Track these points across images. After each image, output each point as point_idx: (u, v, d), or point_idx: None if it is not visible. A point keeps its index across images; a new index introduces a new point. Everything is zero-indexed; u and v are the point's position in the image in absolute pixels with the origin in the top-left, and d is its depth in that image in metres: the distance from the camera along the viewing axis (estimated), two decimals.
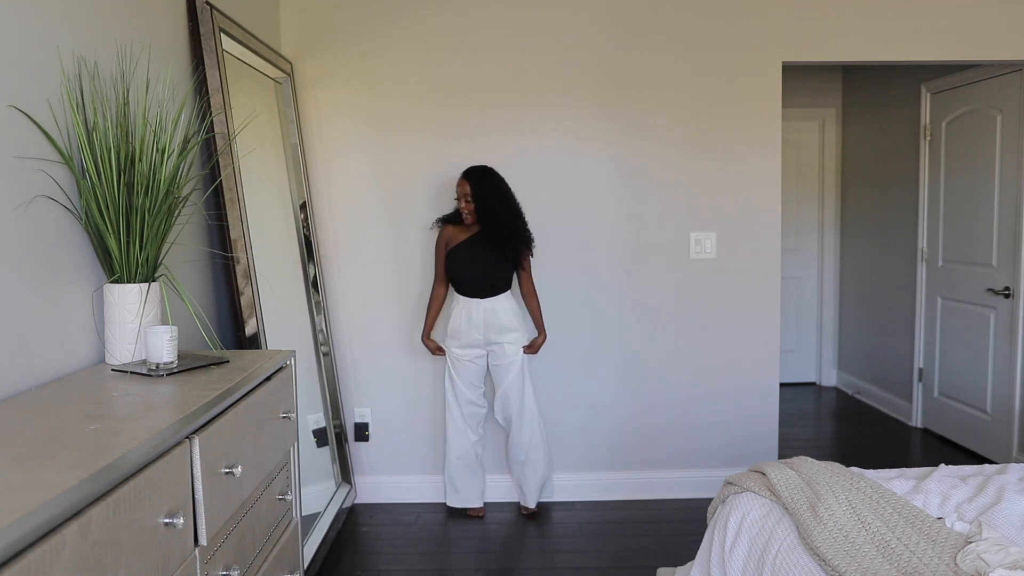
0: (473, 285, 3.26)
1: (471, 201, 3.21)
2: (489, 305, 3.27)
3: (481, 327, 3.27)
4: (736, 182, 3.55)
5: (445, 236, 3.32)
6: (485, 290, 3.27)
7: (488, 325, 3.27)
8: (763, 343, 3.62)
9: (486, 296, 3.28)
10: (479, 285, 3.26)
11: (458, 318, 3.30)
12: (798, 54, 3.52)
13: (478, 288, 3.26)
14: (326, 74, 3.45)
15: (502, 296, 3.30)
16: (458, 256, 3.27)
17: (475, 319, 3.27)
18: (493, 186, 3.22)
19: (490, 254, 3.23)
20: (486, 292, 3.27)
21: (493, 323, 3.27)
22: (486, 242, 3.23)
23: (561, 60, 3.48)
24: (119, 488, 1.05)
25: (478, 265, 3.24)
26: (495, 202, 3.22)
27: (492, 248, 3.23)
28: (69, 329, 1.70)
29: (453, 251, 3.27)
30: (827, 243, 5.70)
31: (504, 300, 3.29)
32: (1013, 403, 3.84)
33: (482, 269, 3.24)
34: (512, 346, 3.31)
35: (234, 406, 1.50)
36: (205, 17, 2.46)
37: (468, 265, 3.25)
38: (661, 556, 2.98)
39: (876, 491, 2.00)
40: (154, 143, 1.80)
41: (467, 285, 3.27)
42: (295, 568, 1.91)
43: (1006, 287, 3.87)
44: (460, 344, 3.31)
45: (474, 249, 3.25)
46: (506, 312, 3.28)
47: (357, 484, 3.60)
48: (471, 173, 3.24)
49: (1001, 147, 3.89)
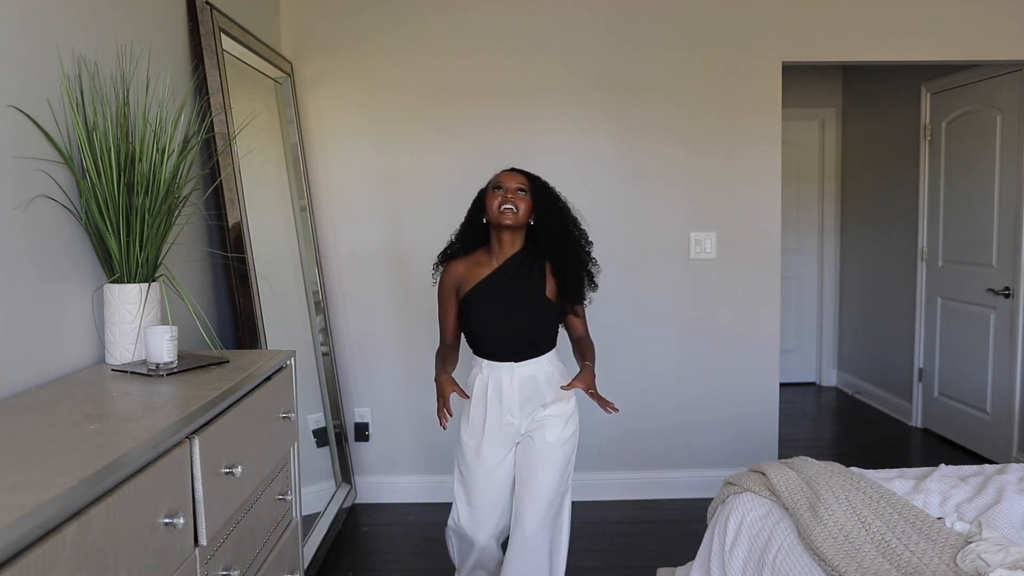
0: (507, 343, 2.21)
1: (526, 194, 2.21)
2: (528, 371, 2.22)
3: (516, 404, 2.22)
4: (736, 182, 3.55)
5: (453, 277, 2.28)
6: (525, 349, 2.22)
7: (526, 399, 2.23)
8: (763, 343, 3.62)
9: (525, 358, 2.23)
10: (517, 342, 2.21)
11: (480, 395, 2.25)
12: (798, 54, 3.52)
13: (514, 347, 2.21)
14: (326, 74, 3.45)
15: (546, 357, 2.26)
16: (481, 301, 2.21)
17: (508, 394, 2.22)
18: (557, 196, 2.29)
19: (532, 293, 2.22)
20: (526, 352, 2.22)
21: (532, 395, 2.23)
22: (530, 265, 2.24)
23: (561, 61, 3.48)
24: (119, 488, 1.05)
25: (514, 313, 2.20)
26: (558, 211, 2.25)
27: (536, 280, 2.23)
28: (69, 329, 1.70)
29: (472, 296, 2.22)
30: (827, 243, 5.70)
31: (549, 362, 2.27)
32: (1013, 403, 3.84)
33: (521, 318, 2.21)
34: (558, 424, 2.23)
35: (234, 406, 1.50)
36: (205, 17, 2.46)
37: (497, 313, 2.20)
38: (661, 556, 2.98)
39: (876, 491, 2.00)
40: (154, 143, 1.80)
41: (497, 344, 2.22)
42: (295, 568, 1.91)
43: (1006, 287, 3.87)
44: (482, 436, 2.24)
45: (507, 286, 2.22)
46: (552, 378, 2.25)
47: (357, 484, 3.60)
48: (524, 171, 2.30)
49: (1001, 147, 3.89)
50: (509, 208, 2.18)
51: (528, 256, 2.25)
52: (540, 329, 2.24)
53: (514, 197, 2.19)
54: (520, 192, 2.21)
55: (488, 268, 2.25)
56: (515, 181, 2.23)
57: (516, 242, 2.25)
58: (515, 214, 2.18)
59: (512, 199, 2.18)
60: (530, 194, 2.22)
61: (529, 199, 2.21)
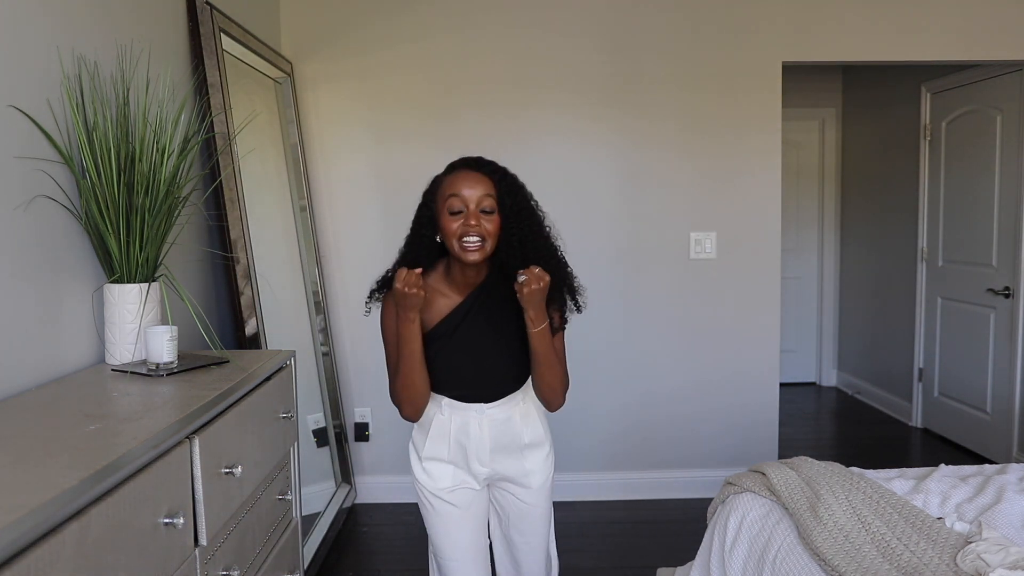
0: (479, 385, 1.81)
1: (494, 213, 1.69)
2: (502, 414, 1.83)
3: (487, 452, 1.84)
4: (736, 182, 3.55)
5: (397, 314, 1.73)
6: (498, 389, 1.83)
7: (499, 447, 1.85)
8: (763, 343, 3.62)
9: (496, 397, 1.83)
10: (490, 384, 1.82)
11: (442, 438, 1.85)
12: (798, 54, 3.52)
13: (486, 389, 1.82)
14: (326, 74, 3.45)
15: (519, 394, 1.85)
16: (446, 342, 1.77)
17: (476, 439, 1.83)
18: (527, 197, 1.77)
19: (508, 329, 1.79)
20: (499, 391, 1.83)
21: (507, 442, 1.85)
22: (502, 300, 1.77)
23: (561, 62, 3.48)
24: (119, 488, 1.05)
25: (488, 351, 1.79)
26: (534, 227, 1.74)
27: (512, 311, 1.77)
28: (69, 329, 1.70)
29: (434, 336, 1.77)
30: (827, 243, 5.70)
31: (524, 396, 1.87)
32: (1013, 403, 3.84)
33: (497, 358, 1.80)
34: (538, 474, 1.90)
35: (234, 406, 1.50)
36: (205, 17, 2.46)
37: (467, 355, 1.78)
38: (661, 556, 2.98)
39: (876, 491, 2.00)
40: (154, 143, 1.80)
41: (466, 386, 1.81)
42: (295, 568, 1.91)
43: (1006, 287, 3.87)
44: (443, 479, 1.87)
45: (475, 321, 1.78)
46: (529, 418, 1.88)
47: (357, 484, 3.60)
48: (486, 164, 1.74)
49: (1001, 147, 3.89)
50: (475, 242, 1.65)
51: (497, 280, 1.77)
52: (519, 369, 1.80)
53: (479, 224, 1.65)
54: (486, 213, 1.66)
55: (450, 300, 1.77)
56: (478, 192, 1.66)
57: (484, 267, 1.76)
58: (482, 247, 1.66)
59: (476, 227, 1.64)
60: (498, 205, 1.68)
61: (498, 216, 1.68)
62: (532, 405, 1.91)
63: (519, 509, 1.94)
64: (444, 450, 1.86)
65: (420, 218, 1.79)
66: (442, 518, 1.91)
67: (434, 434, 1.86)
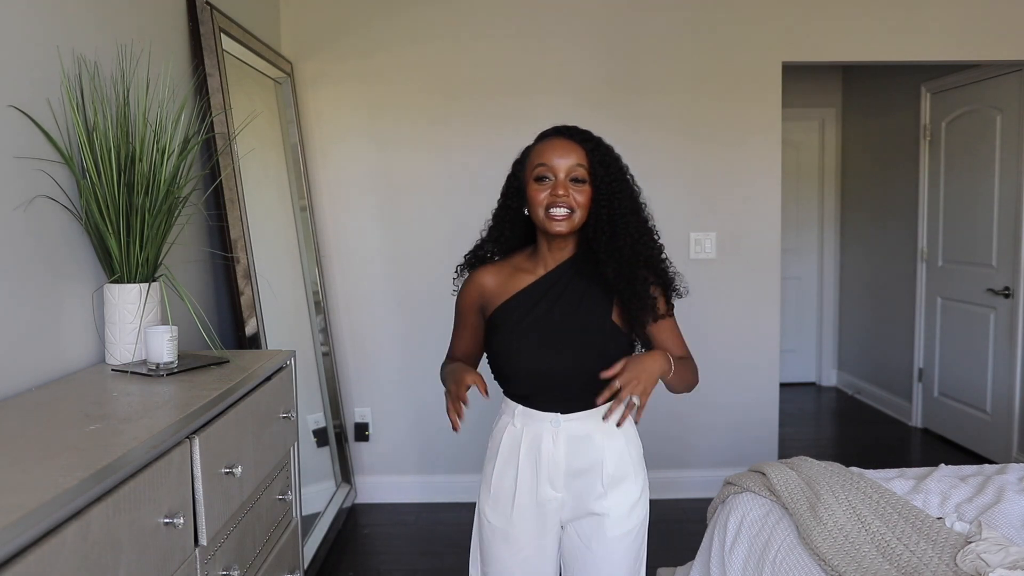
0: (552, 385, 1.58)
1: (587, 183, 1.56)
2: (581, 428, 1.58)
3: (560, 474, 1.58)
4: (736, 182, 3.55)
5: (478, 290, 1.66)
6: (578, 395, 1.56)
7: (575, 470, 1.58)
8: (763, 343, 3.62)
9: (577, 408, 1.58)
10: (567, 385, 1.57)
11: (508, 455, 1.61)
12: (798, 54, 3.52)
13: (562, 392, 1.58)
14: (326, 74, 3.45)
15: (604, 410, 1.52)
16: (517, 322, 1.59)
17: (549, 457, 1.58)
18: (622, 169, 1.62)
19: (594, 315, 1.59)
20: (579, 399, 1.57)
21: (586, 466, 1.58)
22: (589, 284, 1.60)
23: (560, 61, 3.48)
24: (119, 488, 1.05)
25: (565, 340, 1.57)
26: (626, 202, 1.59)
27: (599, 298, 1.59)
28: (69, 329, 1.70)
29: (503, 314, 1.61)
30: (827, 243, 5.70)
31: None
32: (1013, 403, 3.84)
33: (573, 350, 1.56)
34: (623, 509, 1.60)
35: (234, 406, 1.50)
36: (205, 17, 2.46)
37: (541, 339, 1.57)
38: (661, 556, 2.98)
39: (876, 491, 2.01)
40: (154, 143, 1.80)
41: (537, 385, 1.59)
42: (295, 568, 1.91)
43: (1006, 287, 3.87)
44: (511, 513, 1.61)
45: (556, 302, 1.59)
46: (614, 441, 1.60)
47: (357, 484, 3.60)
48: (580, 133, 1.61)
49: (1001, 147, 3.89)
50: (562, 212, 1.53)
51: (585, 258, 1.60)
52: (601, 366, 1.48)
53: (567, 194, 1.53)
54: (576, 183, 1.54)
55: (531, 276, 1.62)
56: (569, 160, 1.54)
57: (571, 242, 1.62)
58: (570, 217, 1.54)
59: (565, 197, 1.53)
60: (590, 176, 1.55)
61: (589, 188, 1.55)
62: (621, 434, 1.61)
63: (586, 560, 1.59)
64: (511, 469, 1.60)
65: (508, 189, 1.66)
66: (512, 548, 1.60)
67: (504, 448, 1.61)
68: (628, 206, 1.59)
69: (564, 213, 1.53)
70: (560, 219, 1.53)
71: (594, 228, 1.57)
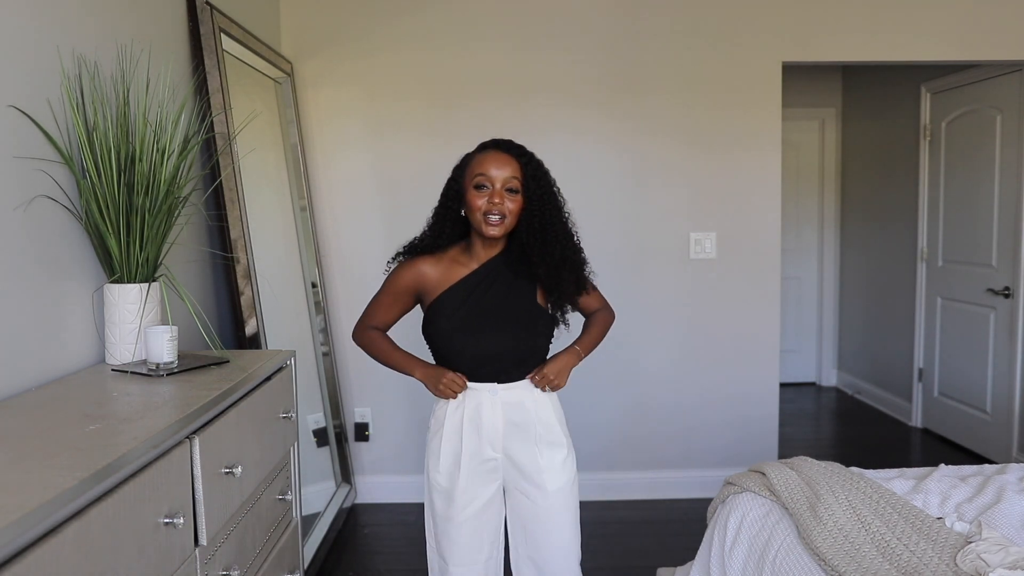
0: (490, 361, 1.83)
1: (519, 193, 1.79)
2: (514, 396, 1.84)
3: (499, 435, 1.83)
4: (736, 182, 3.55)
5: (414, 277, 1.89)
6: (510, 368, 1.84)
7: (512, 431, 1.84)
8: (763, 343, 3.62)
9: (510, 379, 1.85)
10: (502, 360, 1.83)
11: (453, 425, 1.85)
12: (798, 54, 3.52)
13: (498, 366, 1.83)
14: (326, 74, 3.45)
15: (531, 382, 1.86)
16: (456, 306, 1.82)
17: (489, 422, 1.83)
18: (551, 183, 1.86)
19: (523, 300, 1.85)
20: (511, 371, 1.84)
21: (520, 426, 1.84)
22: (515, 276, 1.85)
23: (561, 62, 3.48)
24: (119, 488, 1.05)
25: (501, 324, 1.82)
26: (554, 212, 1.83)
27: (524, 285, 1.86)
28: (69, 329, 1.70)
29: (445, 301, 1.84)
30: (827, 243, 5.70)
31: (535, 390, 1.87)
32: (1013, 403, 3.84)
33: (508, 329, 1.83)
34: (556, 464, 1.86)
35: (234, 406, 1.50)
36: (205, 17, 2.46)
37: (480, 324, 1.82)
38: (661, 556, 2.98)
39: (876, 491, 2.01)
40: (154, 143, 1.80)
41: (477, 361, 1.83)
42: (295, 568, 1.91)
43: (1006, 287, 3.87)
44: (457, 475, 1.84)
45: (488, 290, 1.83)
46: (543, 409, 1.87)
47: (357, 484, 3.60)
48: (515, 148, 1.83)
49: (1001, 147, 3.89)
50: (496, 218, 1.76)
51: (516, 254, 1.84)
52: (531, 343, 1.83)
53: (502, 201, 1.75)
54: (510, 192, 1.77)
55: (465, 268, 1.85)
56: (504, 172, 1.76)
57: (501, 240, 1.85)
58: (503, 223, 1.77)
59: (500, 204, 1.75)
60: (522, 187, 1.78)
61: (521, 197, 1.78)
62: (548, 399, 1.90)
63: (534, 514, 1.85)
64: (456, 437, 1.84)
65: (448, 191, 1.88)
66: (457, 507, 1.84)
67: (449, 419, 1.86)
68: (556, 215, 1.83)
69: (498, 219, 1.77)
70: (495, 224, 1.77)
71: (527, 233, 1.80)
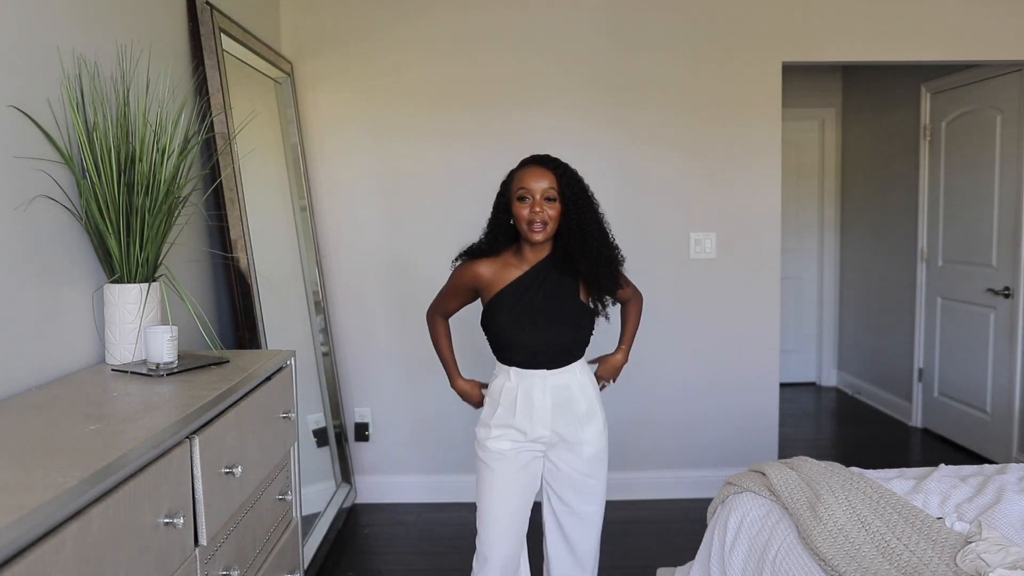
0: (542, 351, 2.08)
1: (557, 201, 2.02)
2: (561, 380, 2.10)
3: (548, 414, 2.09)
4: (736, 182, 3.55)
5: (473, 277, 2.13)
6: (559, 357, 2.10)
7: (559, 411, 2.10)
8: (763, 343, 3.62)
9: (558, 365, 2.11)
10: (552, 350, 2.09)
11: (510, 404, 2.10)
12: (798, 54, 3.52)
13: (548, 355, 2.09)
14: (326, 74, 3.45)
15: (578, 364, 2.14)
16: (512, 305, 2.07)
17: (540, 404, 2.08)
18: (584, 188, 2.09)
19: (568, 299, 2.10)
20: (559, 359, 2.11)
21: (566, 407, 2.11)
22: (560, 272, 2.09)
23: (561, 61, 3.48)
24: (119, 488, 1.05)
25: (549, 320, 2.07)
26: (590, 213, 2.07)
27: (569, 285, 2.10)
28: (69, 329, 1.70)
29: (501, 300, 2.08)
30: (827, 243, 5.70)
31: (582, 370, 2.16)
32: (1013, 403, 3.84)
33: (558, 324, 2.08)
34: (591, 445, 2.16)
35: (234, 406, 1.50)
36: (205, 17, 2.46)
37: (531, 320, 2.06)
38: (661, 556, 2.98)
39: (876, 491, 2.01)
40: (154, 143, 1.80)
41: (530, 352, 2.08)
42: (295, 568, 1.91)
43: (1006, 287, 3.87)
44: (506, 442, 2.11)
45: (538, 291, 2.08)
46: (585, 389, 2.15)
47: (357, 484, 3.60)
48: (550, 161, 2.07)
49: (1001, 147, 3.89)
50: (539, 225, 2.00)
51: (560, 255, 2.08)
52: (577, 335, 2.11)
53: (542, 210, 2.00)
54: (549, 201, 2.00)
55: (518, 270, 2.09)
56: (542, 184, 2.00)
57: (547, 244, 2.09)
58: (545, 229, 2.01)
59: (540, 213, 1.99)
60: (559, 195, 2.01)
61: (559, 204, 2.01)
62: (588, 381, 2.17)
63: (571, 478, 2.15)
64: (511, 416, 2.09)
65: (497, 205, 2.12)
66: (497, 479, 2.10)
67: (504, 401, 2.11)
68: (591, 217, 2.07)
69: (540, 226, 2.01)
70: (538, 231, 2.01)
71: (567, 236, 2.04)
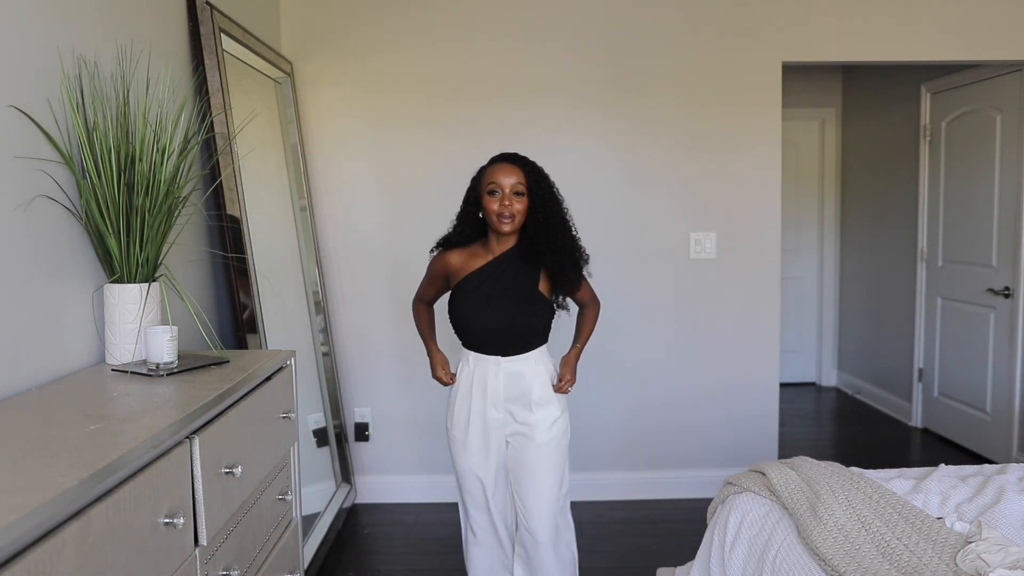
0: (495, 336, 2.20)
1: (525, 195, 2.16)
2: (514, 367, 2.21)
3: (500, 399, 2.21)
4: (736, 182, 3.55)
5: (445, 265, 2.28)
6: (513, 344, 2.21)
7: (511, 396, 2.21)
8: (763, 343, 3.62)
9: (512, 353, 2.21)
10: (505, 336, 2.19)
11: (465, 388, 2.25)
12: (798, 54, 3.52)
13: (502, 341, 2.20)
14: (326, 74, 3.45)
15: (535, 353, 2.24)
16: (471, 292, 2.20)
17: (492, 388, 2.21)
18: (550, 185, 2.22)
19: (525, 287, 2.20)
20: (514, 347, 2.21)
21: (518, 393, 2.21)
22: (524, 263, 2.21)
23: (561, 63, 3.48)
24: (119, 488, 1.05)
25: (504, 306, 2.17)
26: (555, 208, 2.19)
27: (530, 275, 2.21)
28: (69, 329, 1.70)
29: (463, 286, 2.22)
30: (827, 243, 5.70)
31: (538, 359, 2.24)
32: (1013, 403, 3.84)
33: (509, 313, 2.17)
34: (545, 424, 2.22)
35: (234, 406, 1.50)
36: (205, 17, 2.46)
37: (487, 305, 2.18)
38: (661, 556, 2.98)
39: (876, 491, 2.01)
40: (154, 143, 1.80)
41: (485, 337, 2.20)
42: (295, 568, 1.91)
43: (1006, 287, 3.87)
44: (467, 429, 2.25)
45: (498, 279, 2.20)
46: (539, 377, 2.23)
47: (357, 484, 3.60)
48: (519, 159, 2.22)
49: (1001, 147, 3.89)
50: (507, 218, 2.14)
51: (525, 249, 2.21)
52: (530, 324, 2.20)
53: (511, 203, 2.14)
54: (517, 195, 2.15)
55: (483, 260, 2.23)
56: (511, 179, 2.15)
57: (513, 236, 2.23)
58: (513, 221, 2.15)
59: (509, 206, 2.13)
60: (527, 191, 2.16)
61: (526, 199, 2.16)
62: (545, 371, 2.25)
63: (522, 461, 2.24)
64: (467, 398, 2.24)
65: (468, 198, 2.27)
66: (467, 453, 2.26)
67: (462, 384, 2.26)
68: (556, 211, 2.20)
69: (509, 219, 2.15)
70: (506, 222, 2.15)
71: (533, 228, 2.18)
